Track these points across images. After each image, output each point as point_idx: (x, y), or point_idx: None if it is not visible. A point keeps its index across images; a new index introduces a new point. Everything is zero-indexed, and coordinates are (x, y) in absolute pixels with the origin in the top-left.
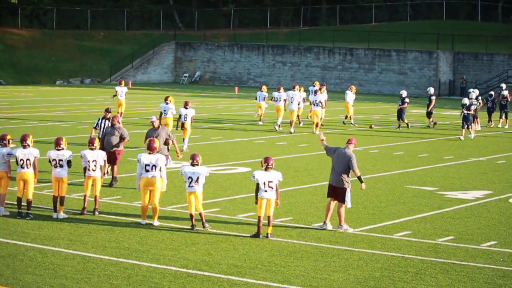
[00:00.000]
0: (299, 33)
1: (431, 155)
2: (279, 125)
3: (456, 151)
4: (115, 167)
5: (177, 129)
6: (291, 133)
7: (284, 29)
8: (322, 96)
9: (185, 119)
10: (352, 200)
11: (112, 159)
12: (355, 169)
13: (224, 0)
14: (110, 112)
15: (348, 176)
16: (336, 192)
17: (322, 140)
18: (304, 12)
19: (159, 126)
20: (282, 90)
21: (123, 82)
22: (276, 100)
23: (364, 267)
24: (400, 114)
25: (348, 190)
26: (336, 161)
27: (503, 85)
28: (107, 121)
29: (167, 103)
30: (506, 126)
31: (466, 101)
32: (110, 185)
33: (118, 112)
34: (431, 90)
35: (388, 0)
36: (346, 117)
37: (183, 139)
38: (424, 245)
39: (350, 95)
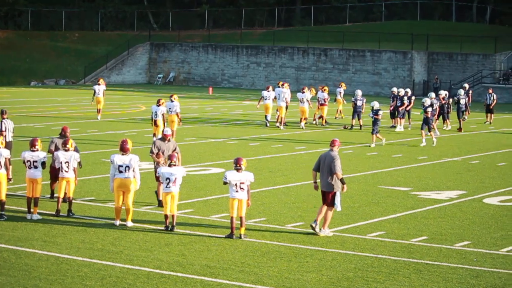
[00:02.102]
0: (274, 33)
1: (405, 156)
2: (268, 122)
3: (429, 151)
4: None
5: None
6: (279, 128)
7: (258, 29)
8: (306, 94)
9: (156, 116)
10: None
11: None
12: (337, 171)
13: (198, 1)
14: (6, 113)
15: (335, 179)
16: (325, 197)
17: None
18: (278, 13)
19: (169, 140)
20: (271, 88)
21: (101, 80)
22: (266, 99)
23: (338, 267)
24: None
25: (338, 193)
26: (322, 165)
27: (466, 85)
28: (4, 121)
29: (172, 101)
30: (449, 128)
31: (376, 105)
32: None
33: (97, 109)
34: (403, 91)
35: (363, 1)
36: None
37: (154, 134)
38: (398, 245)
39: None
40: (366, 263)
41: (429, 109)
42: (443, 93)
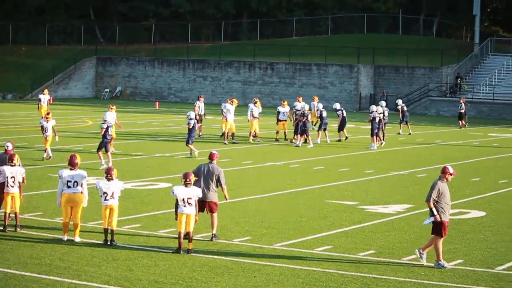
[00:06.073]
0: (220, 47)
1: (352, 169)
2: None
3: (376, 165)
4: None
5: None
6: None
7: (204, 43)
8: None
9: (46, 131)
10: (274, 215)
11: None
12: (427, 199)
13: (145, 15)
14: None
15: (434, 206)
16: None
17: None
18: (224, 27)
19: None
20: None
21: (46, 91)
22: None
23: (285, 282)
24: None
25: (432, 218)
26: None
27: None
28: None
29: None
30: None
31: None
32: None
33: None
34: (337, 105)
35: (309, 14)
36: (250, 133)
37: (46, 148)
38: (345, 260)
39: (231, 109)
40: (313, 278)
41: (192, 122)
42: (306, 106)
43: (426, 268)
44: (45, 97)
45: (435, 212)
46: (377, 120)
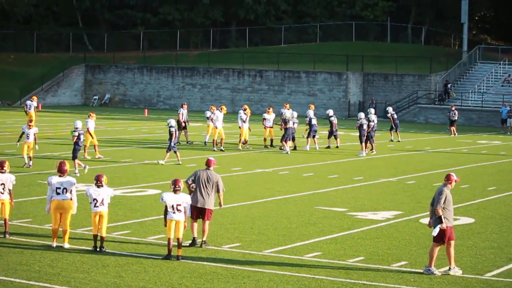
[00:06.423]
0: (209, 55)
1: (341, 176)
2: (207, 142)
3: (365, 172)
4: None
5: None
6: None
7: (193, 51)
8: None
9: (28, 138)
10: (263, 221)
11: None
12: (436, 207)
13: (133, 22)
14: None
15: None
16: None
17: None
18: (213, 34)
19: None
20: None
21: (35, 98)
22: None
23: None
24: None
25: (439, 226)
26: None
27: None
28: None
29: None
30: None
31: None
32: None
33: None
34: (330, 111)
35: (297, 22)
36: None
37: (29, 157)
38: (335, 266)
39: (220, 116)
40: (303, 284)
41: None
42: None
43: (416, 275)
44: (31, 103)
45: (443, 220)
46: (364, 127)
